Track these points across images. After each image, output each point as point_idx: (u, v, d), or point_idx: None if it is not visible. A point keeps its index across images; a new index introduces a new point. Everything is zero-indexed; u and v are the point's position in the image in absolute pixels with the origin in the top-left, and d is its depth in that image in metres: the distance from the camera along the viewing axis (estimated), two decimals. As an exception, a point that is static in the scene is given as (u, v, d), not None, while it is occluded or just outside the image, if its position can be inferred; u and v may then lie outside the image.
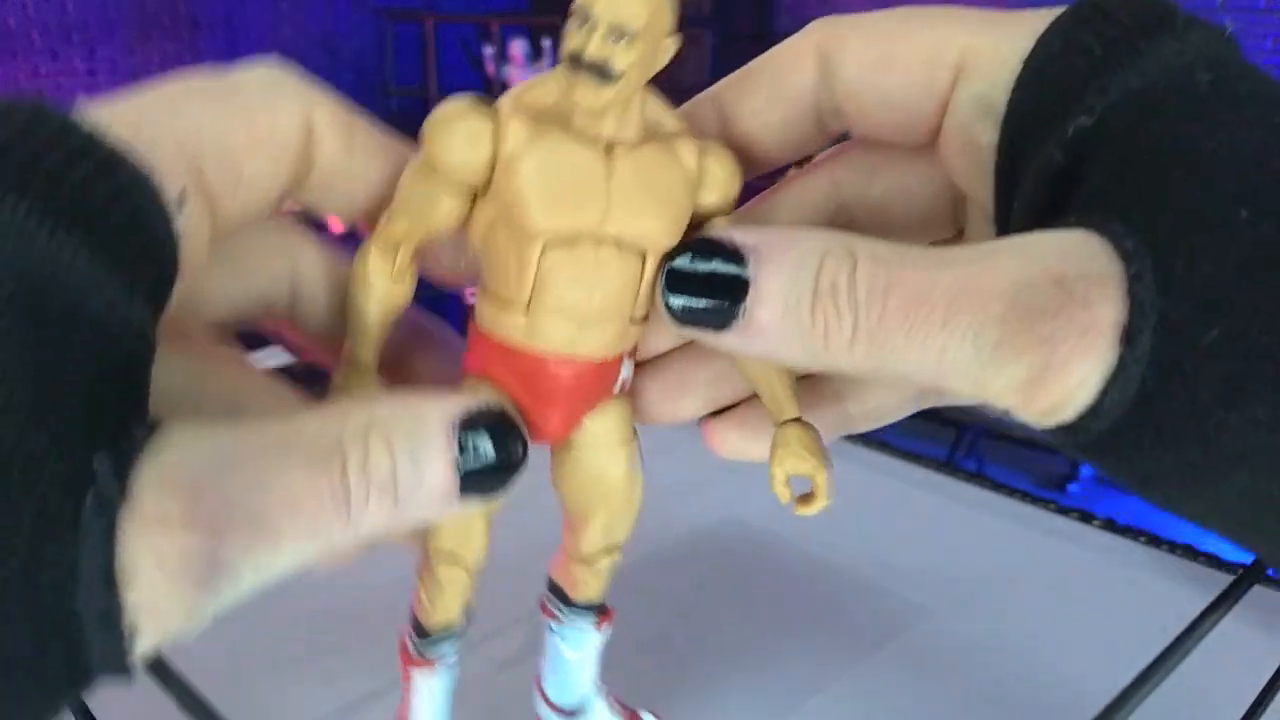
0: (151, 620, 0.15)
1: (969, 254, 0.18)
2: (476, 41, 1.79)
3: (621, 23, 0.18)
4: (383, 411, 0.18)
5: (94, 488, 0.15)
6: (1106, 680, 0.17)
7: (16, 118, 0.16)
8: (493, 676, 0.36)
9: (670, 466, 0.26)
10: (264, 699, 0.35)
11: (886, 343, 0.18)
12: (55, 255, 0.15)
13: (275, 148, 0.20)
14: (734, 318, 0.19)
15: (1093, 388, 0.17)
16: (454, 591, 0.25)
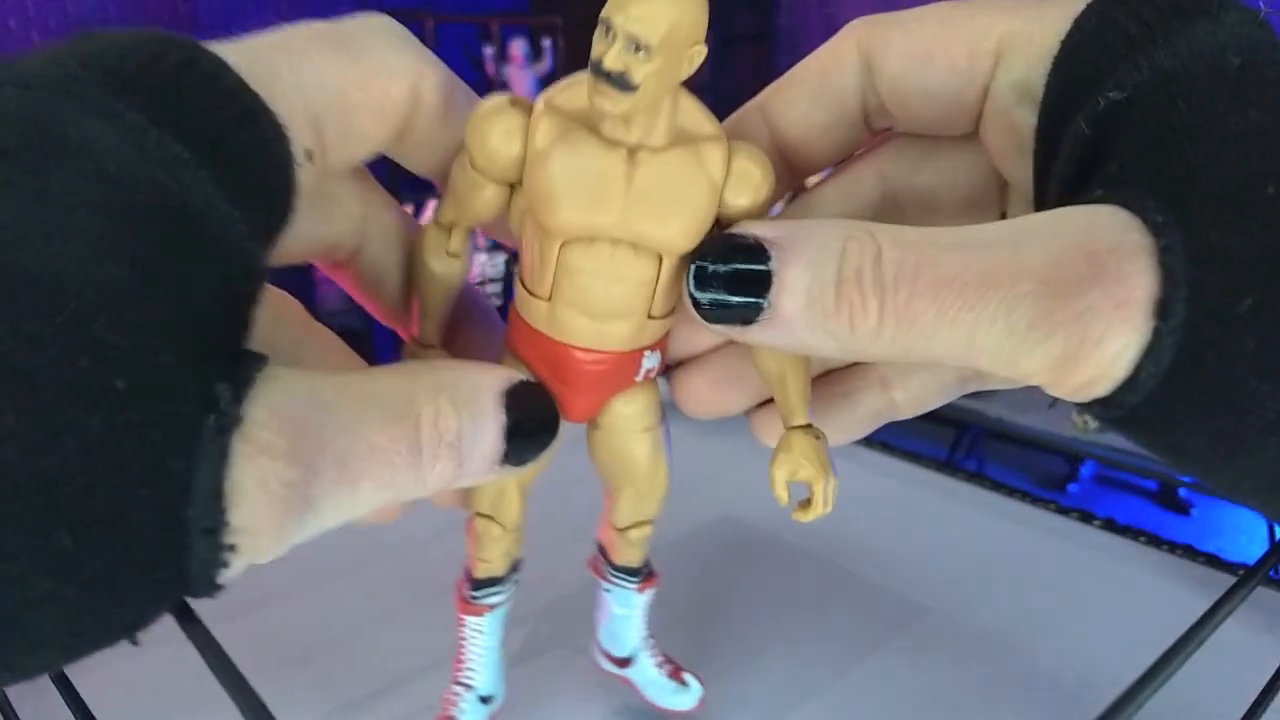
0: (247, 540, 0.16)
1: (996, 232, 0.18)
2: (476, 41, 1.80)
3: (638, 36, 0.19)
4: (446, 375, 0.20)
5: (215, 411, 0.15)
6: (1107, 680, 0.17)
7: (171, 56, 0.17)
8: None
9: (670, 466, 0.27)
10: (263, 699, 0.35)
11: (915, 325, 0.18)
12: (199, 190, 0.16)
13: (385, 109, 0.21)
14: (759, 311, 0.19)
15: (1127, 361, 0.17)
16: (493, 545, 0.27)
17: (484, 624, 0.28)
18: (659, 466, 0.26)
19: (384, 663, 0.37)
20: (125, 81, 0.16)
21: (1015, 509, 0.50)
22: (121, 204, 0.15)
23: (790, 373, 0.23)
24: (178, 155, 0.16)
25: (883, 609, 0.41)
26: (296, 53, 0.20)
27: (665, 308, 0.23)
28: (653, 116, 0.21)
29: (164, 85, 0.17)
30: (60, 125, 0.15)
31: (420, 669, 0.37)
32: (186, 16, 0.77)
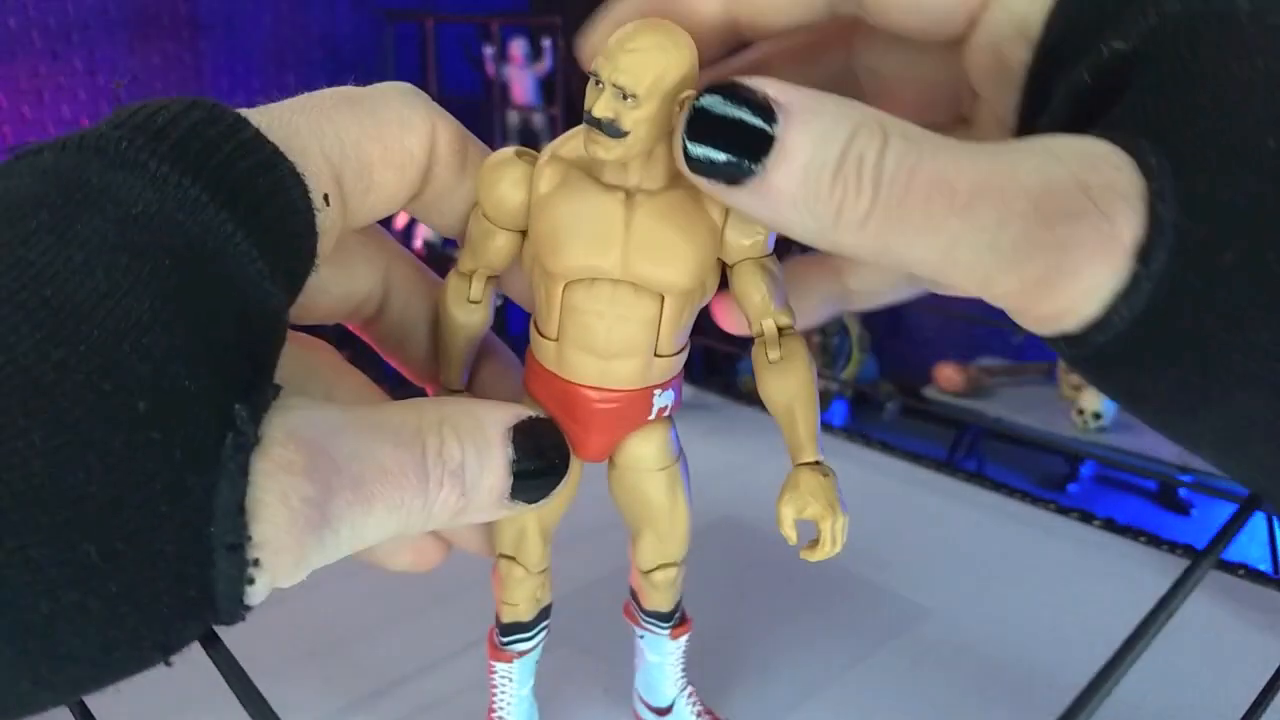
0: (270, 557, 0.17)
1: (997, 148, 0.17)
2: (476, 42, 1.79)
3: (624, 85, 0.19)
4: (451, 409, 0.20)
5: (234, 430, 0.16)
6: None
7: (195, 114, 0.18)
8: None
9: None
10: (268, 698, 0.35)
11: (901, 224, 0.17)
12: (217, 230, 0.17)
13: (403, 164, 0.22)
14: (750, 174, 0.18)
15: (1100, 299, 0.17)
16: (517, 588, 0.27)
17: (512, 671, 0.28)
18: (677, 506, 0.26)
19: (388, 663, 0.37)
20: (151, 136, 0.17)
21: (1015, 509, 0.50)
22: (141, 243, 0.16)
23: (799, 407, 0.23)
24: (196, 198, 0.17)
25: (883, 609, 0.41)
26: (315, 111, 0.20)
27: (672, 346, 0.23)
28: (649, 160, 0.21)
29: (186, 138, 0.18)
30: (87, 175, 0.17)
31: (422, 670, 0.37)
32: (187, 16, 0.77)
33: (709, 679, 0.31)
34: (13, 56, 0.73)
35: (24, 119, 0.75)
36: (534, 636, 0.28)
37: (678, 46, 0.20)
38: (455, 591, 0.40)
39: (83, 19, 0.78)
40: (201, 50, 0.87)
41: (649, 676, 0.30)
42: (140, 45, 0.83)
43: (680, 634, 0.28)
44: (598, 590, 0.38)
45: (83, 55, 0.78)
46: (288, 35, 0.94)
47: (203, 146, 0.18)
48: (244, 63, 0.86)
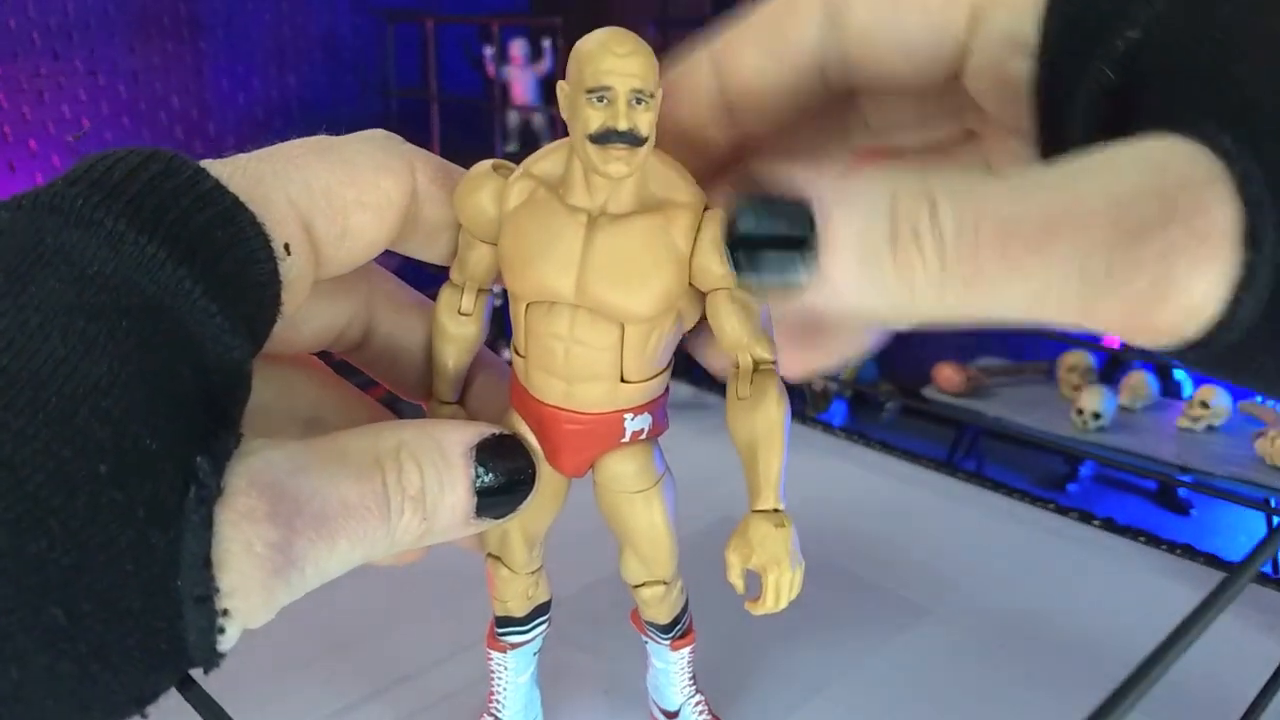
0: (239, 604, 0.17)
1: (1052, 176, 0.16)
2: (477, 42, 1.79)
3: (640, 86, 0.19)
4: (409, 434, 0.20)
5: (195, 484, 0.16)
6: (1106, 679, 0.17)
7: (152, 166, 0.18)
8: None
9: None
10: (264, 699, 0.35)
11: (980, 281, 0.16)
12: (175, 288, 0.17)
13: (380, 205, 0.21)
14: (807, 278, 0.17)
15: (1219, 298, 0.15)
16: (505, 586, 0.27)
17: (507, 660, 0.29)
18: (656, 529, 0.25)
19: (392, 660, 0.37)
20: (107, 192, 0.17)
21: (1015, 509, 0.50)
22: (98, 304, 0.16)
23: (762, 449, 0.21)
24: (154, 256, 0.17)
25: (883, 609, 0.41)
26: (283, 159, 0.20)
27: (641, 373, 0.22)
28: (619, 181, 0.20)
29: (143, 192, 0.18)
30: (42, 236, 0.17)
31: (426, 667, 0.37)
32: (187, 16, 0.77)
33: (708, 679, 0.31)
34: (13, 56, 0.73)
35: (24, 119, 0.75)
36: (529, 630, 0.28)
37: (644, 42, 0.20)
38: (459, 590, 0.40)
39: (83, 19, 0.78)
40: (202, 50, 0.86)
41: (656, 680, 0.30)
42: (140, 45, 0.83)
43: (681, 646, 0.29)
44: (599, 591, 0.38)
45: (83, 55, 0.78)
46: (288, 35, 0.94)
47: (160, 201, 0.18)
48: (244, 63, 0.86)
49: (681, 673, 0.29)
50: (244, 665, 0.19)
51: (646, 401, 0.23)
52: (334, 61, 0.95)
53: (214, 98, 0.89)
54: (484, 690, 0.29)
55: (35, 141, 0.78)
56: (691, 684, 0.30)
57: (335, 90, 0.99)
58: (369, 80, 1.00)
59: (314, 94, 0.96)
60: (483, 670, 0.29)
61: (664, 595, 0.27)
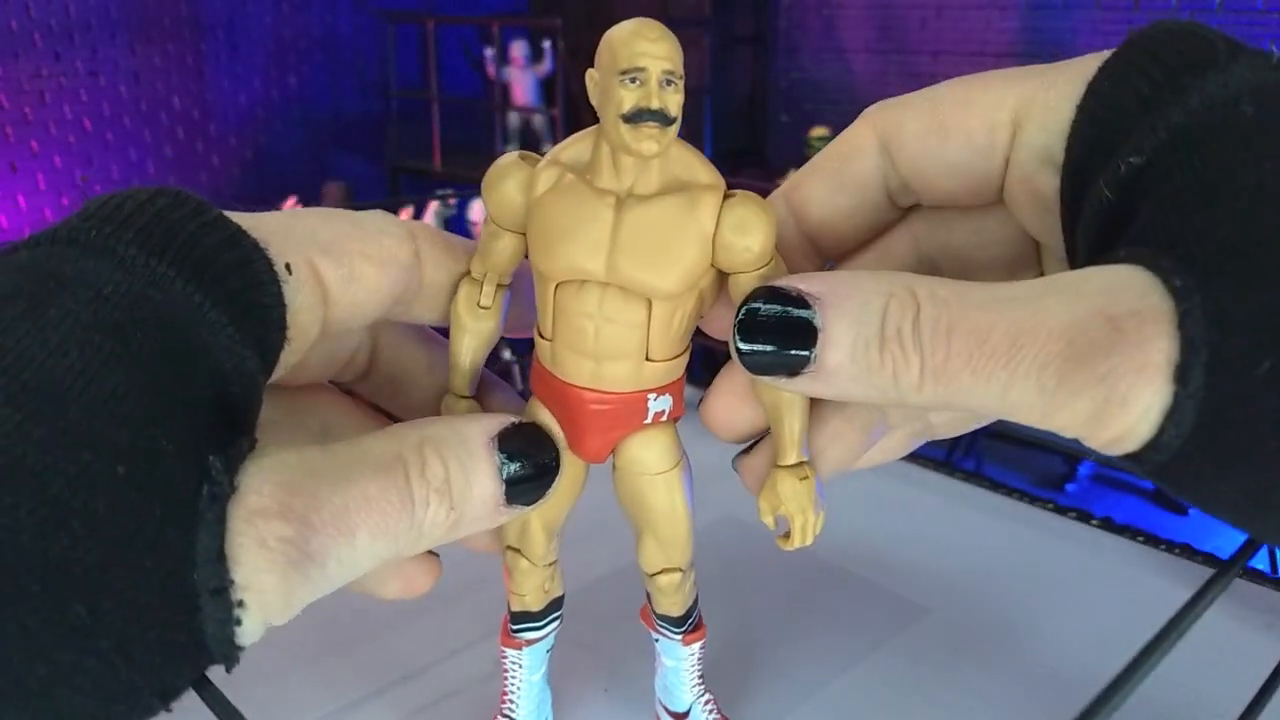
0: (254, 598, 0.17)
1: (1025, 291, 0.18)
2: (477, 43, 1.79)
3: (672, 69, 0.20)
4: (431, 429, 0.21)
5: (208, 482, 0.17)
6: (1106, 679, 0.17)
7: (160, 200, 0.19)
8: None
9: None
10: (267, 697, 0.35)
11: (953, 382, 0.18)
12: (186, 302, 0.18)
13: (384, 259, 0.23)
14: (806, 364, 0.20)
15: (1151, 422, 0.17)
16: (524, 579, 0.27)
17: (522, 658, 0.29)
18: (676, 512, 0.26)
19: (402, 656, 0.37)
20: (118, 224, 0.19)
21: (1013, 509, 0.50)
22: (113, 320, 0.17)
23: (787, 411, 0.23)
24: (164, 275, 0.18)
25: (882, 609, 0.41)
26: (289, 214, 0.22)
27: (665, 352, 0.23)
28: (645, 165, 0.22)
29: (152, 222, 0.19)
30: (59, 266, 0.18)
31: (436, 661, 0.37)
32: (188, 17, 0.77)
33: (706, 678, 0.31)
34: (15, 57, 0.73)
35: (26, 119, 0.76)
36: (544, 626, 0.28)
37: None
38: (459, 590, 0.40)
39: (84, 20, 0.78)
40: (202, 51, 0.87)
41: (666, 681, 0.30)
42: (141, 46, 0.83)
43: (693, 640, 0.29)
44: (601, 589, 0.39)
45: (84, 56, 0.78)
46: (288, 36, 0.94)
47: (167, 228, 0.19)
48: (244, 64, 0.86)
49: (692, 670, 0.29)
50: (248, 663, 0.19)
51: (669, 382, 0.24)
52: (334, 62, 0.95)
53: (215, 98, 0.89)
54: (487, 688, 0.29)
55: (36, 142, 0.78)
56: (700, 682, 0.30)
57: (336, 91, 1.00)
58: (369, 81, 1.00)
59: (314, 94, 0.96)
60: (486, 668, 0.29)
61: (680, 583, 0.27)
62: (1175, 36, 0.20)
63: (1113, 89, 0.20)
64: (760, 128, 2.82)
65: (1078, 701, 0.16)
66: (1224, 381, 0.17)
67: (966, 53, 2.31)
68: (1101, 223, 0.20)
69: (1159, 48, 0.20)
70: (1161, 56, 0.20)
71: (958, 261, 0.25)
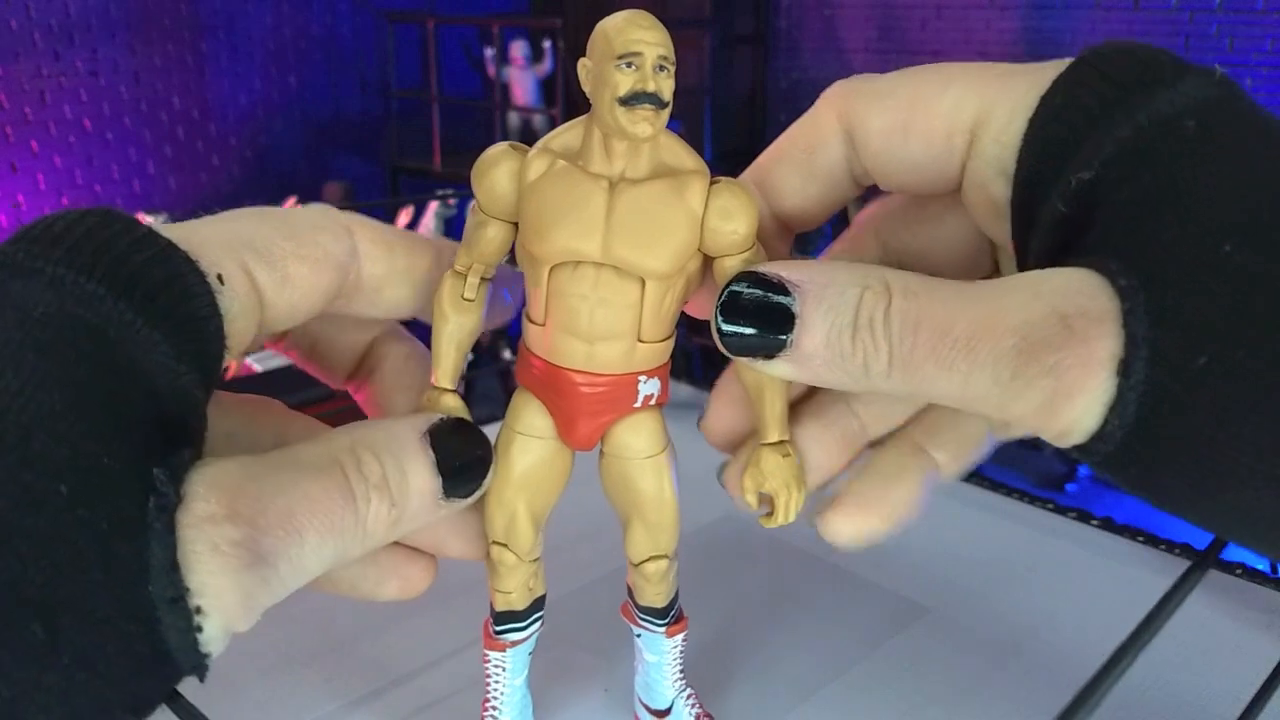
0: (212, 603, 0.17)
1: (987, 290, 0.20)
2: (477, 43, 1.80)
3: (665, 54, 0.21)
4: (361, 431, 0.22)
5: (154, 494, 0.17)
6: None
7: (89, 219, 0.19)
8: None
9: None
10: (259, 700, 0.35)
11: (918, 371, 0.19)
12: (117, 320, 0.18)
13: (318, 258, 0.23)
14: (783, 346, 0.20)
15: (1095, 414, 0.18)
16: (510, 576, 0.27)
17: (506, 660, 0.28)
18: (664, 495, 0.26)
19: (387, 662, 0.37)
20: (47, 244, 0.19)
21: (1013, 508, 0.50)
22: (45, 340, 0.17)
23: (768, 389, 0.24)
24: (94, 293, 0.18)
25: (882, 609, 0.41)
26: (222, 219, 0.22)
27: (655, 333, 0.24)
28: (635, 150, 0.22)
29: (81, 241, 0.19)
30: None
31: (420, 669, 0.37)
32: (187, 17, 0.77)
33: (705, 678, 0.31)
34: (15, 57, 0.73)
35: (26, 119, 0.76)
36: (527, 627, 0.28)
37: None
38: (454, 592, 0.40)
39: (84, 20, 0.78)
40: (202, 51, 0.87)
41: (647, 677, 0.30)
42: (141, 46, 0.83)
43: (676, 632, 0.28)
44: (597, 590, 0.38)
45: (84, 56, 0.78)
46: (288, 36, 0.94)
47: (96, 246, 0.19)
48: (244, 63, 0.86)
49: (674, 664, 0.29)
50: (240, 666, 0.19)
51: (657, 365, 0.25)
52: (334, 62, 0.95)
53: (215, 98, 0.89)
54: (479, 693, 0.29)
55: (36, 142, 0.78)
56: (682, 677, 0.30)
57: (335, 90, 1.00)
58: (369, 80, 1.00)
59: (314, 94, 0.96)
60: (478, 672, 0.29)
61: (666, 571, 0.27)
62: (1125, 56, 0.21)
63: (1064, 105, 0.21)
64: (760, 128, 2.82)
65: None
66: (1164, 375, 0.18)
67: (966, 53, 2.31)
68: (1056, 233, 0.21)
69: (1109, 66, 0.21)
70: (1111, 75, 0.21)
71: (919, 259, 0.26)
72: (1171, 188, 0.19)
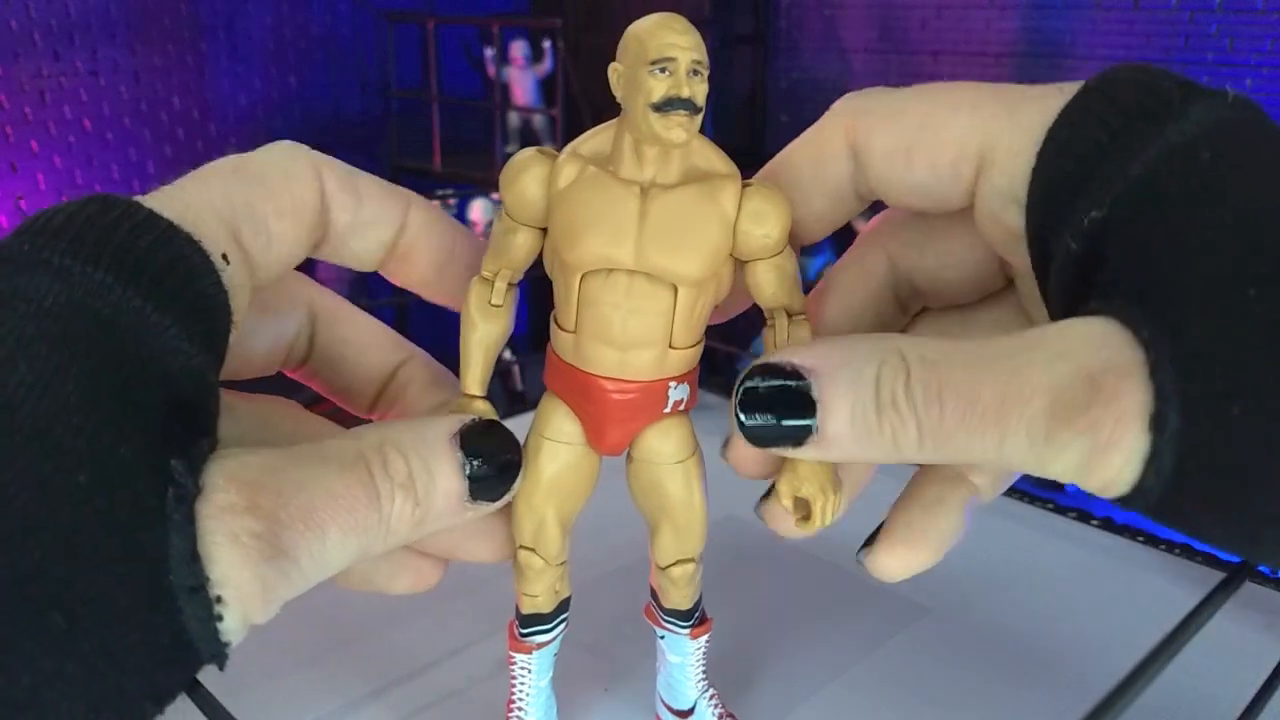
0: (232, 593, 0.17)
1: (1009, 348, 0.19)
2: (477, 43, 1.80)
3: (699, 61, 0.21)
4: (390, 430, 0.21)
5: (172, 484, 0.17)
6: (1105, 678, 0.17)
7: (90, 207, 0.19)
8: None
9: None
10: (267, 696, 0.35)
11: (949, 441, 0.19)
12: (126, 307, 0.18)
13: (296, 211, 0.23)
14: (809, 433, 0.20)
15: (1134, 468, 0.18)
16: (537, 580, 0.27)
17: (531, 662, 0.28)
18: (694, 500, 0.26)
19: (405, 654, 0.38)
20: (50, 235, 0.19)
21: (1013, 508, 0.50)
22: (57, 332, 0.17)
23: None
24: (101, 282, 0.18)
25: (882, 609, 0.41)
26: (206, 181, 0.22)
27: (687, 339, 0.24)
28: (666, 156, 0.22)
29: (83, 230, 0.19)
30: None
31: (439, 660, 0.37)
32: (188, 17, 0.77)
33: (708, 676, 0.31)
34: (14, 57, 0.73)
35: (26, 119, 0.76)
36: (553, 629, 0.28)
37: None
38: (472, 584, 0.40)
39: (84, 20, 0.78)
40: (203, 51, 0.87)
41: (670, 678, 0.30)
42: (141, 46, 0.83)
43: (700, 634, 0.29)
44: (600, 589, 0.39)
45: (84, 56, 0.78)
46: (288, 36, 0.94)
47: (99, 235, 0.19)
48: (244, 63, 0.86)
49: (697, 665, 0.29)
50: (247, 663, 0.19)
51: (687, 371, 0.25)
52: (334, 62, 0.95)
53: (215, 98, 0.89)
54: (488, 688, 0.29)
55: (36, 143, 0.78)
56: (705, 678, 0.30)
57: (335, 90, 1.00)
58: (369, 80, 1.00)
59: (315, 94, 0.96)
60: (486, 668, 0.29)
61: (692, 575, 0.27)
62: (1132, 83, 0.20)
63: (1071, 137, 0.21)
64: (760, 128, 2.82)
65: (1077, 701, 0.16)
66: (1198, 424, 0.17)
67: (966, 53, 2.30)
68: (1071, 271, 0.21)
69: (1116, 93, 0.20)
70: (1119, 103, 0.20)
71: (930, 278, 0.26)
72: (1187, 224, 0.18)
